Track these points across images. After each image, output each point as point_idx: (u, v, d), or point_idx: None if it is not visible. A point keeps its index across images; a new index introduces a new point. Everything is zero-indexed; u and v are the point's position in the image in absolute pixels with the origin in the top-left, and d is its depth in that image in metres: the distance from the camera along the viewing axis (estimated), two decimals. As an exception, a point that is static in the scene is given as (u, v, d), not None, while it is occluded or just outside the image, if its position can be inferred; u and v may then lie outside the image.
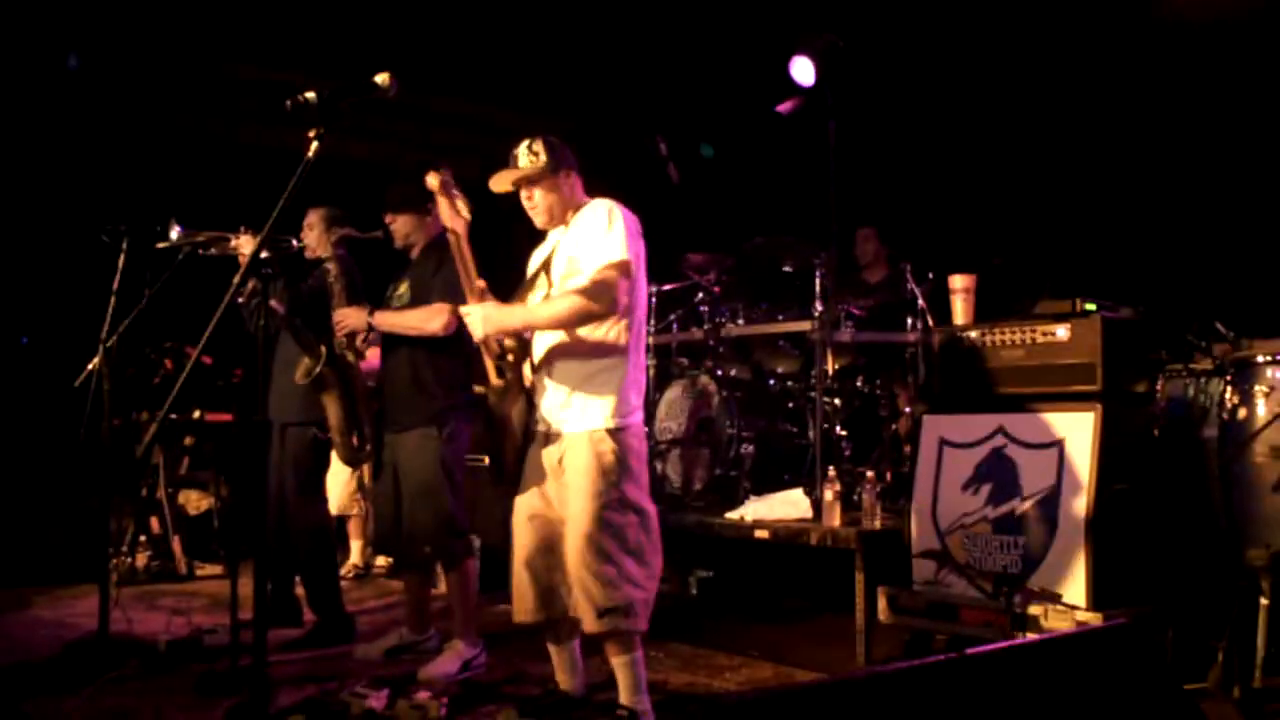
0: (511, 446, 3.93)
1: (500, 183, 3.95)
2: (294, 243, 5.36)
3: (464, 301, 3.99)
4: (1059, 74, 6.97)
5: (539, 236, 4.16)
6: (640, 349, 3.98)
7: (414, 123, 8.73)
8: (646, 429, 4.03)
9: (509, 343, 3.92)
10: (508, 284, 4.10)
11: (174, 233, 5.14)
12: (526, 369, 3.97)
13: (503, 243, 5.01)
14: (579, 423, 3.80)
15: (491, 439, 4.02)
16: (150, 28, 7.26)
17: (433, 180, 3.94)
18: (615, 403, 3.79)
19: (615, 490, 3.72)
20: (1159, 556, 4.57)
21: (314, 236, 5.38)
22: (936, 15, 7.14)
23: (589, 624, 3.70)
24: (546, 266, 3.97)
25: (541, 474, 3.91)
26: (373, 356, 5.29)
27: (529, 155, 3.90)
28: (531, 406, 3.93)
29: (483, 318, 3.86)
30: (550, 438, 3.88)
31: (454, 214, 3.94)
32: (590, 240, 3.80)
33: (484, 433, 4.19)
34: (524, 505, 3.95)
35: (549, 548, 3.86)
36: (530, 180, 3.92)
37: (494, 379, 3.97)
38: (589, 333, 3.80)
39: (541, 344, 3.92)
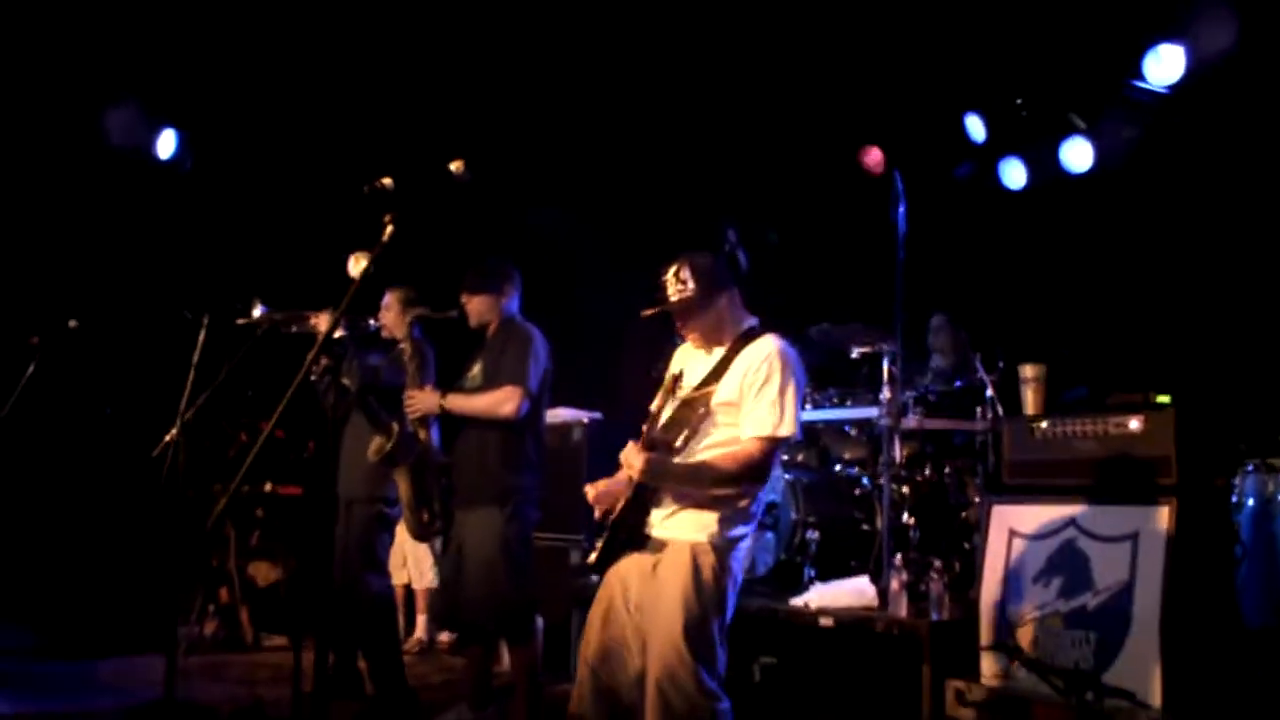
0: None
1: (649, 312, 3.75)
2: (370, 323, 5.47)
3: (533, 384, 3.96)
4: (1130, 161, 6.95)
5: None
6: None
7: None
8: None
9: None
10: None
11: (257, 311, 5.29)
12: None
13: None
14: (684, 533, 3.62)
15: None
16: (228, 109, 7.52)
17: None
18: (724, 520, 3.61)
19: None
20: (1235, 656, 4.44)
21: (391, 317, 5.49)
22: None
23: None
24: (710, 378, 3.67)
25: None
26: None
27: (676, 285, 3.67)
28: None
29: (646, 466, 3.53)
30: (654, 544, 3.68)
31: None
32: (751, 398, 3.57)
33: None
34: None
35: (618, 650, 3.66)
36: (684, 310, 3.69)
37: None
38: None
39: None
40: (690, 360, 3.80)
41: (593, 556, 3.71)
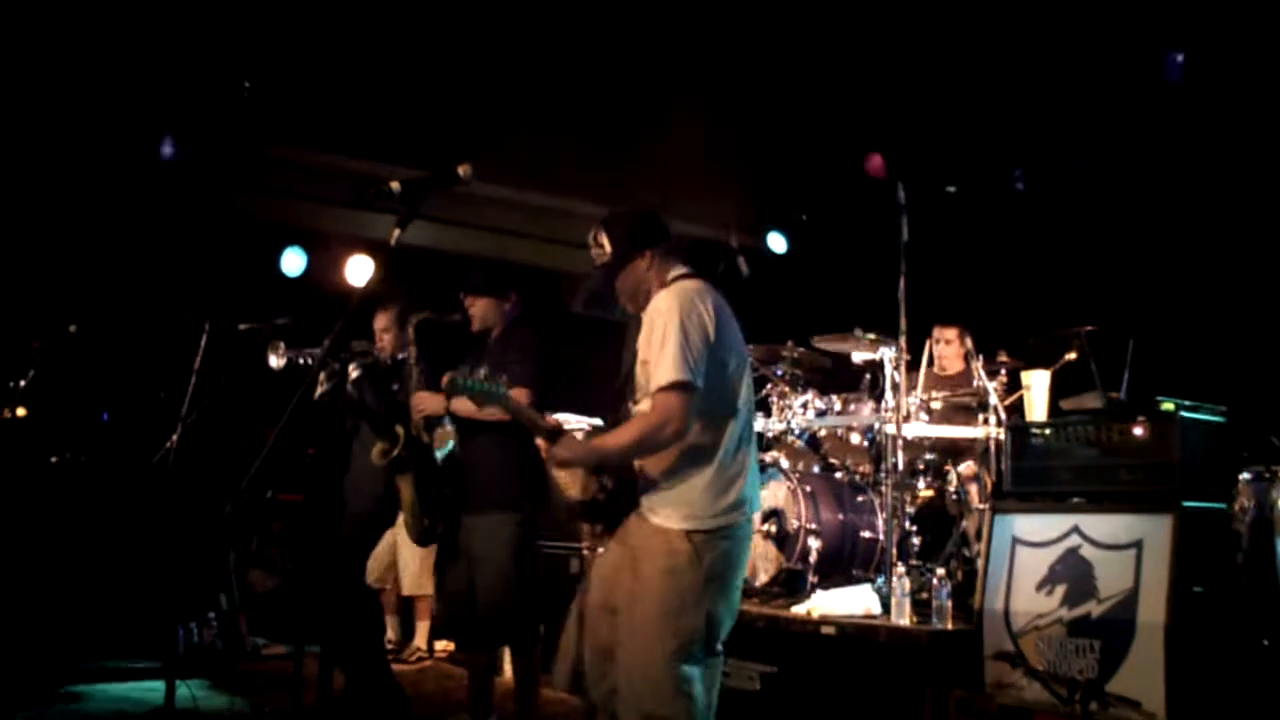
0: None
1: (577, 302, 3.82)
2: (374, 353, 5.42)
3: (540, 386, 3.93)
4: (1142, 164, 6.94)
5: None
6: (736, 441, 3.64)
7: (489, 209, 8.87)
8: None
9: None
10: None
11: (277, 351, 5.25)
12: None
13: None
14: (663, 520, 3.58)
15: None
16: (234, 117, 7.50)
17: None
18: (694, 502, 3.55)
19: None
20: (1239, 663, 4.42)
21: (390, 337, 5.47)
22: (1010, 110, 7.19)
23: None
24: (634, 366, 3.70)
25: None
26: None
27: (595, 249, 3.73)
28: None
29: (555, 453, 3.63)
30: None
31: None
32: (653, 353, 3.54)
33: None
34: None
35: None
36: (608, 275, 3.72)
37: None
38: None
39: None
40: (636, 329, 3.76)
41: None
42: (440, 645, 7.34)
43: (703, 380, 3.49)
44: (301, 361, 5.31)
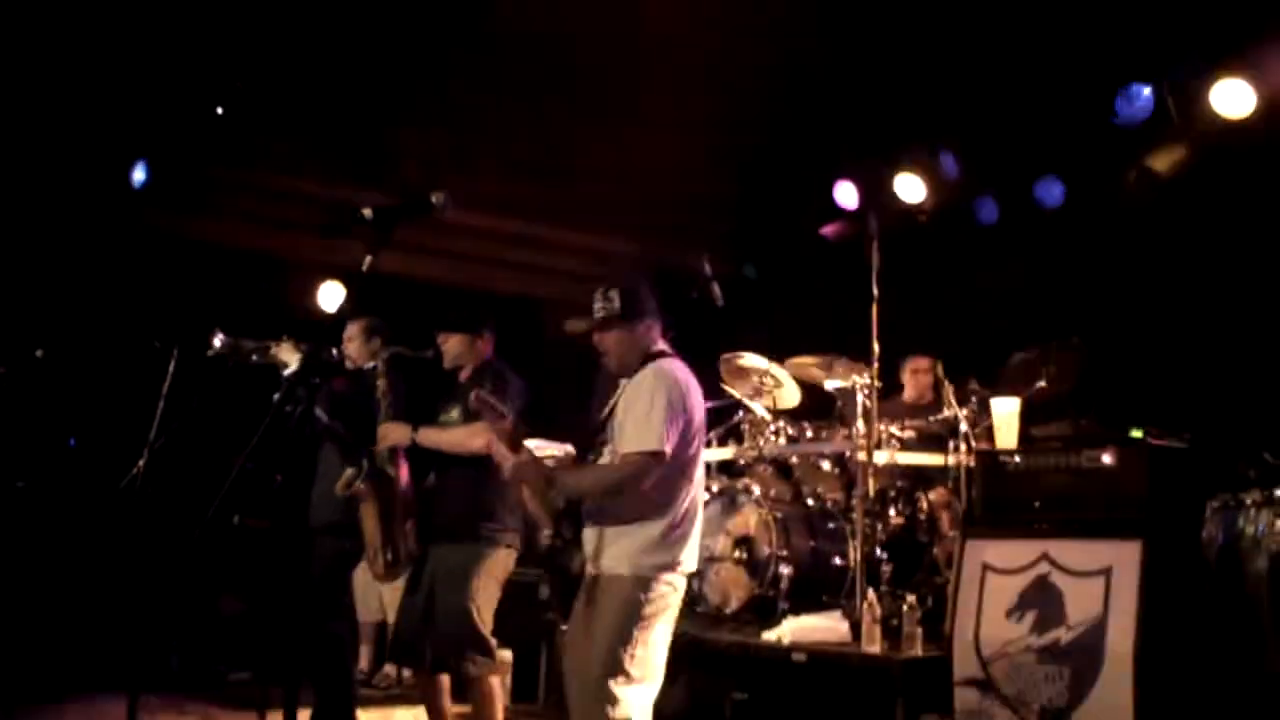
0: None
1: (574, 326, 4.02)
2: (334, 352, 5.45)
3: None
4: (1106, 194, 7.02)
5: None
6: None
7: (465, 239, 8.86)
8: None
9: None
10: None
11: (217, 340, 5.25)
12: None
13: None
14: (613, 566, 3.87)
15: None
16: (202, 141, 7.47)
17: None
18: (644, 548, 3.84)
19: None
20: (1206, 692, 4.44)
21: (354, 347, 5.50)
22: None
23: None
24: (613, 409, 4.00)
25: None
26: None
27: (602, 302, 3.95)
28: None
29: (514, 468, 3.94)
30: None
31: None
32: (631, 417, 3.84)
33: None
34: None
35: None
36: (599, 329, 3.97)
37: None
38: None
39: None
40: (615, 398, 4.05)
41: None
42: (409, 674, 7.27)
43: (670, 450, 3.80)
44: (246, 360, 5.30)
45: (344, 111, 7.25)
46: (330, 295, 8.49)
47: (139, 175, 7.45)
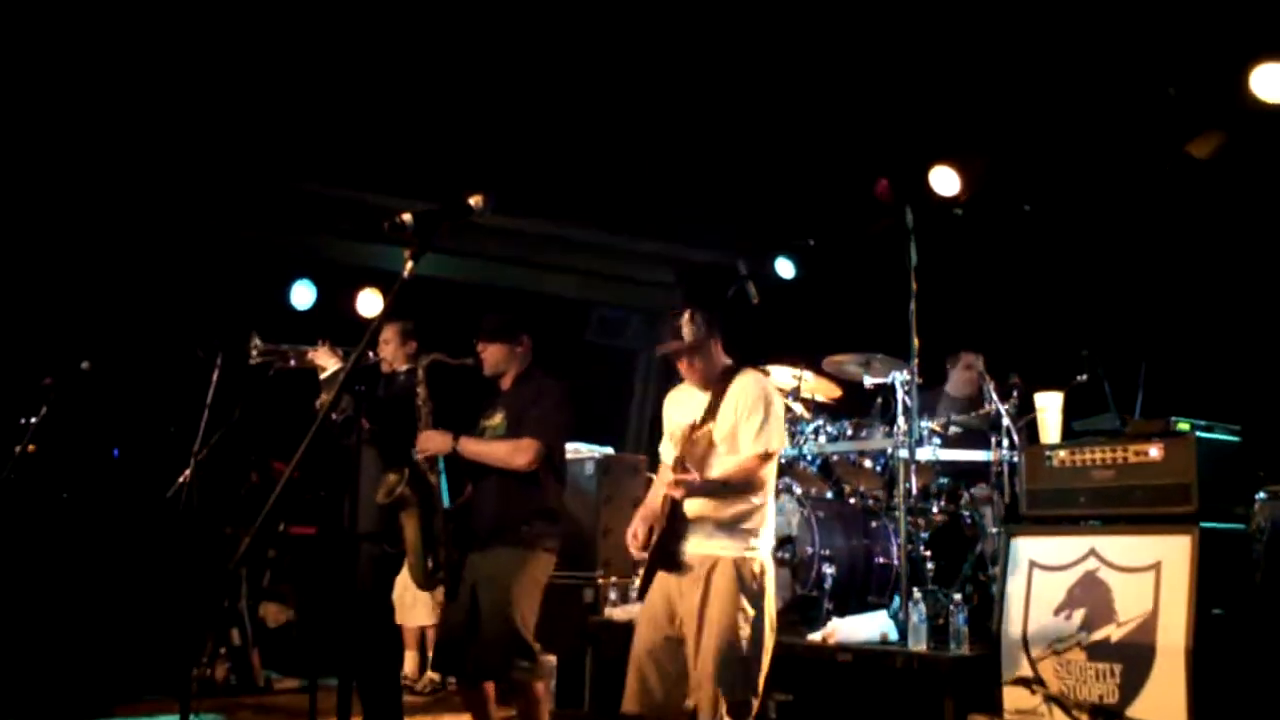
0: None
1: (669, 349, 4.40)
2: (370, 355, 5.47)
3: (558, 438, 4.60)
4: (1155, 183, 6.93)
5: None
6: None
7: (507, 242, 8.86)
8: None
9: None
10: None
11: (254, 346, 5.28)
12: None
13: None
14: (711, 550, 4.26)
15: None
16: (245, 149, 7.53)
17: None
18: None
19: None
20: (1262, 686, 4.38)
21: (390, 350, 5.52)
22: (1022, 138, 7.19)
23: None
24: (707, 416, 4.32)
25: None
26: None
27: (690, 327, 4.34)
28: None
29: (685, 487, 4.18)
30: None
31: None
32: (744, 423, 4.27)
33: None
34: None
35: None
36: (691, 349, 4.36)
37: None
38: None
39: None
40: (683, 403, 4.49)
41: (637, 582, 4.51)
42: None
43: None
44: (284, 365, 5.32)
45: (382, 114, 7.27)
46: (369, 301, 8.55)
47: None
